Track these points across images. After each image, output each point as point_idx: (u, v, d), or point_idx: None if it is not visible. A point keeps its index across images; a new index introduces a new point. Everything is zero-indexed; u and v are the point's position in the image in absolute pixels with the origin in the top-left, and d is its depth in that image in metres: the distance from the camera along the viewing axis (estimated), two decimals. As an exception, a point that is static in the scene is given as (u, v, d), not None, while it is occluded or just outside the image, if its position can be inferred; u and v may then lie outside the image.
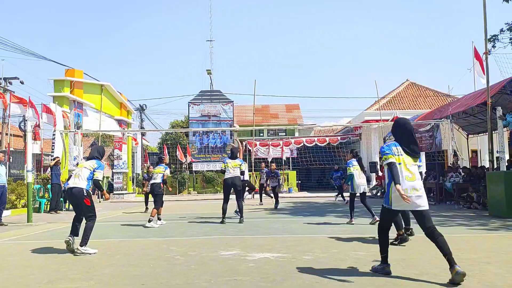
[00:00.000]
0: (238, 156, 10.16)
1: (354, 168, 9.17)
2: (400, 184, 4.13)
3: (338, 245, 6.25)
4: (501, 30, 15.55)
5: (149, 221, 9.30)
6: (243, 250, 5.79)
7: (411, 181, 4.19)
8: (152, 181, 9.96)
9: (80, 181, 6.14)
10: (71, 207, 16.10)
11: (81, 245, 5.91)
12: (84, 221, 6.11)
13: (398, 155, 4.26)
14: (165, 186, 10.01)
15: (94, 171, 6.23)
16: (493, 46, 15.49)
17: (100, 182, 6.47)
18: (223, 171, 9.69)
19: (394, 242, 5.75)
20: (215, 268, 4.86)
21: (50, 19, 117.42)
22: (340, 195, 16.93)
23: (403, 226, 6.31)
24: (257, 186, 16.94)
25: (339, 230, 8.07)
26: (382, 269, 4.43)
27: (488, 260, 5.02)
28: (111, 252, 6.14)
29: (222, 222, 9.49)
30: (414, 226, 5.78)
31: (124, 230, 8.96)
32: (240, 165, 9.79)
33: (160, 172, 9.91)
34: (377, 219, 8.20)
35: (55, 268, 5.07)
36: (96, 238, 7.68)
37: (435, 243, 4.15)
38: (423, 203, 4.20)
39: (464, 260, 5.03)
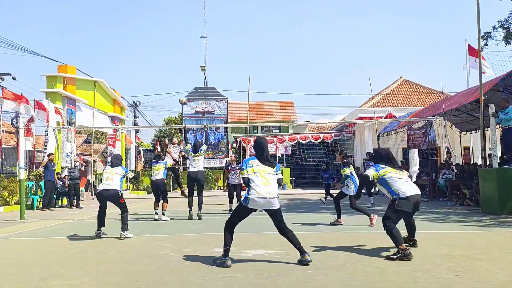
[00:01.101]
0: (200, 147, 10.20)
1: (351, 169, 8.65)
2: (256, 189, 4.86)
3: (332, 242, 6.28)
4: (494, 28, 15.64)
5: (163, 214, 10.03)
6: (237, 247, 5.79)
7: (267, 185, 4.89)
8: (154, 178, 10.27)
9: (114, 184, 7.46)
10: (64, 203, 16.12)
11: (123, 231, 7.22)
12: (119, 213, 7.48)
13: (256, 166, 5.00)
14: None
15: (125, 174, 7.77)
16: (485, 44, 15.59)
17: (134, 174, 8.40)
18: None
19: (393, 257, 5.01)
20: (209, 265, 4.85)
21: (43, 14, 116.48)
22: (328, 195, 16.63)
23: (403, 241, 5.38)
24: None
25: (333, 227, 8.10)
26: (223, 263, 4.78)
27: (481, 256, 5.06)
28: (105, 249, 6.12)
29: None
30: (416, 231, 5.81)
31: (118, 226, 8.92)
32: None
33: (162, 169, 10.28)
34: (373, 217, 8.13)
35: (48, 265, 5.04)
36: (89, 234, 7.66)
37: (287, 238, 4.97)
38: (275, 204, 4.94)
39: (457, 256, 5.07)
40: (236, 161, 12.83)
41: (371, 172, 5.49)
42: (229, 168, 12.31)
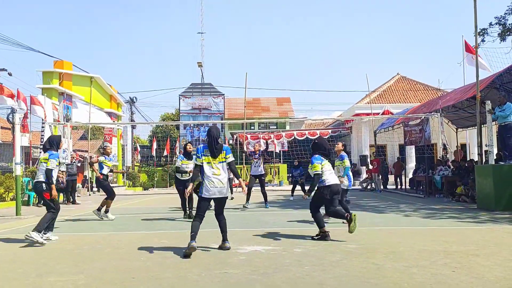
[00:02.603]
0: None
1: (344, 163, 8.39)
2: (204, 179, 5.36)
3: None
4: (490, 24, 15.65)
5: (106, 212, 9.33)
6: (234, 243, 5.78)
7: (217, 176, 5.33)
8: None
9: (40, 174, 6.41)
10: (60, 200, 16.05)
11: (35, 231, 6.08)
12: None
13: (207, 155, 5.38)
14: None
15: (49, 162, 6.36)
16: (483, 40, 15.61)
17: (53, 171, 6.43)
18: None
19: (315, 237, 6.18)
20: (206, 261, 4.85)
21: (38, 9, 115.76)
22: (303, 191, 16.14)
23: (325, 225, 6.28)
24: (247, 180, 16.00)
25: (329, 223, 8.10)
26: (188, 246, 5.11)
27: (477, 252, 5.08)
28: (101, 245, 6.10)
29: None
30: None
31: (114, 223, 8.92)
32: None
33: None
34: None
35: (43, 262, 5.02)
36: (86, 231, 7.65)
37: (219, 223, 5.50)
38: (225, 192, 5.40)
39: (453, 252, 5.09)
40: (260, 151, 11.60)
41: (319, 167, 6.20)
42: (254, 157, 11.49)
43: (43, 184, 6.32)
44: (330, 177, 6.28)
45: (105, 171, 9.73)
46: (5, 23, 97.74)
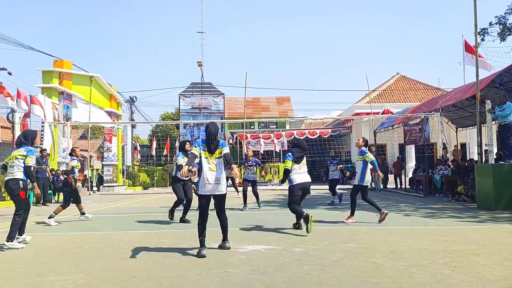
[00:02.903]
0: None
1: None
2: (200, 176, 5.37)
3: (329, 237, 6.28)
4: (490, 24, 15.64)
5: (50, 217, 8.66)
6: (234, 243, 5.79)
7: (213, 171, 5.30)
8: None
9: (15, 171, 6.02)
10: (60, 199, 16.06)
11: (8, 240, 5.83)
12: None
13: (204, 150, 5.38)
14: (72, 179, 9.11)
15: (25, 159, 6.02)
16: (482, 39, 15.60)
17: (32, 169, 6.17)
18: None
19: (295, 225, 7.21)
20: (206, 261, 4.85)
21: (38, 9, 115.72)
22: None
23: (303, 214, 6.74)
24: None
25: (329, 222, 8.11)
26: (197, 253, 5.13)
27: (477, 251, 5.08)
28: (101, 245, 6.10)
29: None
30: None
31: (114, 223, 8.92)
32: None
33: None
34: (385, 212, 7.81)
35: (43, 261, 5.02)
36: (86, 231, 7.65)
37: (220, 222, 5.52)
38: (222, 189, 5.35)
39: (453, 252, 5.09)
40: (253, 159, 11.53)
41: (289, 163, 6.92)
42: (246, 165, 11.40)
43: (20, 182, 5.95)
44: (296, 176, 6.99)
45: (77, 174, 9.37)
46: (5, 23, 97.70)
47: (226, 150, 5.38)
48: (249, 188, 11.30)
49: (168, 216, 8.69)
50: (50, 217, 8.64)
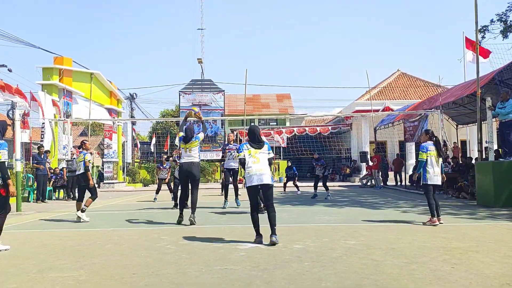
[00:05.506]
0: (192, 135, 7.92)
1: (430, 154, 7.47)
2: (245, 170, 5.79)
3: (329, 234, 6.29)
4: (491, 21, 15.61)
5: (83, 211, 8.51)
6: (234, 240, 5.80)
7: (257, 163, 5.69)
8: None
9: None
10: (61, 196, 16.08)
11: None
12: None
13: (248, 149, 5.84)
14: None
15: None
16: (483, 37, 15.58)
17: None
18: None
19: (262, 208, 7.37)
20: (207, 257, 4.86)
21: (38, 5, 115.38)
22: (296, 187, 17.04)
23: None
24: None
25: (329, 219, 8.12)
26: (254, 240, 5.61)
27: (476, 249, 5.10)
28: (102, 241, 6.11)
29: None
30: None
31: (114, 219, 8.94)
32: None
33: (80, 160, 8.78)
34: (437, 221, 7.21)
35: (44, 258, 5.04)
36: (86, 227, 7.67)
37: (268, 214, 5.66)
38: (266, 179, 5.63)
39: (452, 249, 5.10)
40: (234, 143, 10.69)
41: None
42: (226, 148, 10.29)
43: None
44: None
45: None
46: (5, 20, 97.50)
47: (272, 154, 5.98)
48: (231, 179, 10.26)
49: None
50: (82, 211, 8.42)
